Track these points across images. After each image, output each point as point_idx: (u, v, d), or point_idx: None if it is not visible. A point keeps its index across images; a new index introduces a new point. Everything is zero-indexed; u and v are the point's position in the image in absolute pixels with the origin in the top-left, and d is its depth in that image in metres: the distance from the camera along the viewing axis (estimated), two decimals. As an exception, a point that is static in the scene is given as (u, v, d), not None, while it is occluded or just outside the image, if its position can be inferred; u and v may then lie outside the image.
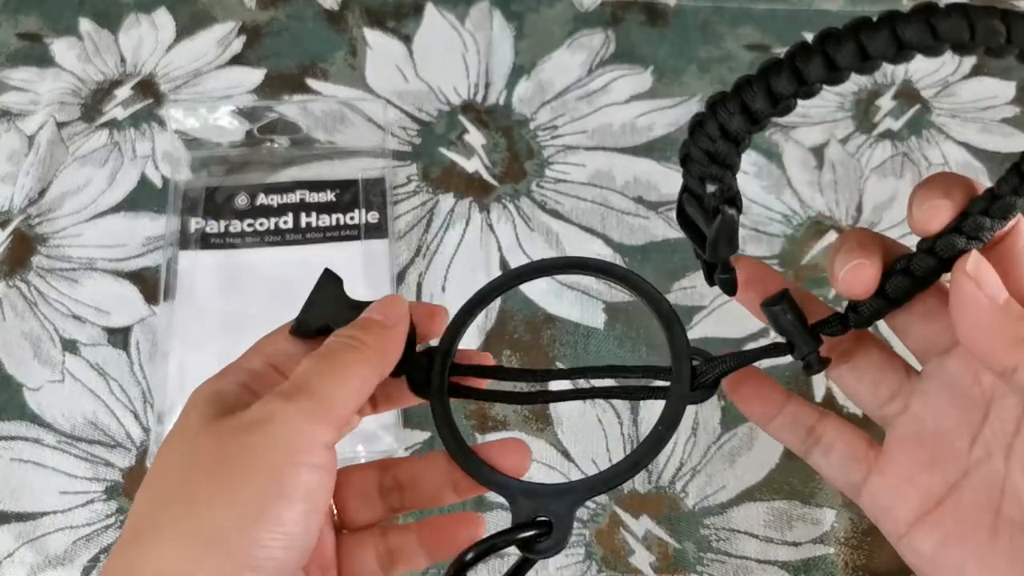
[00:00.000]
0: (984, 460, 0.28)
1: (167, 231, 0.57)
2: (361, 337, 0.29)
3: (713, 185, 0.26)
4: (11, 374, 0.52)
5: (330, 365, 0.28)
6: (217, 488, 0.26)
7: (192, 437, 0.27)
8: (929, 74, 0.66)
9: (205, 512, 0.26)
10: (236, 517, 0.25)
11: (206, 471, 0.26)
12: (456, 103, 0.63)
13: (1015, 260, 0.27)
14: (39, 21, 0.67)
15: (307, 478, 0.26)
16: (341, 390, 0.28)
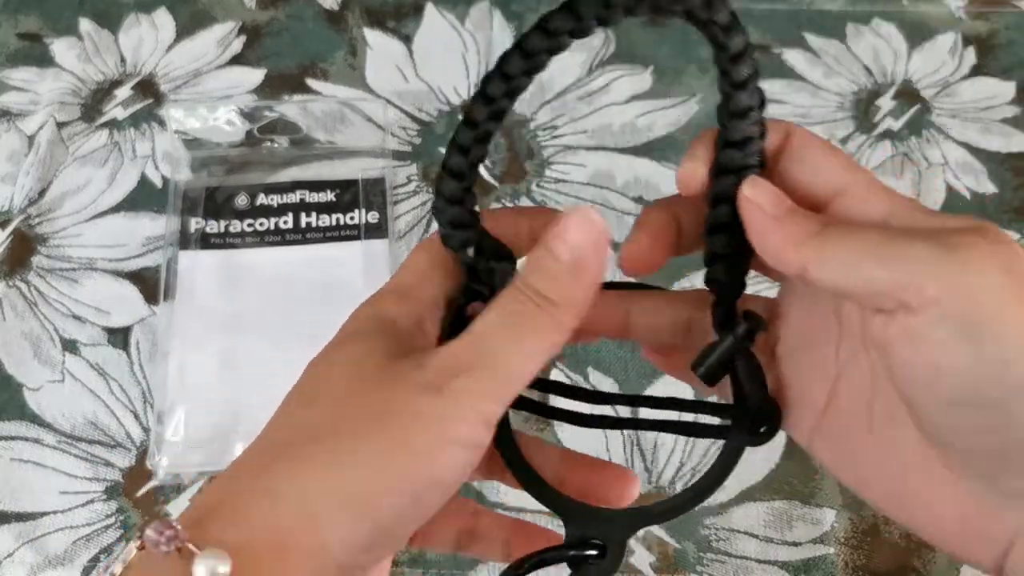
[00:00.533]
0: (850, 360, 0.27)
1: (167, 231, 0.57)
2: (541, 287, 0.24)
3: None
4: (11, 374, 0.52)
5: (512, 330, 0.24)
6: (370, 447, 0.24)
7: (362, 371, 0.25)
8: (929, 74, 0.66)
9: (351, 468, 0.23)
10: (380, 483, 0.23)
11: (364, 425, 0.24)
12: (456, 103, 0.63)
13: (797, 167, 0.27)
14: (39, 21, 0.68)
15: (462, 458, 0.24)
16: (524, 366, 0.24)
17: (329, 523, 0.23)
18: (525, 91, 0.25)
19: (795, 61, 0.67)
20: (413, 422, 0.24)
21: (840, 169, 0.26)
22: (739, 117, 0.26)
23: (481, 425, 0.24)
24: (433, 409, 0.24)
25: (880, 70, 0.67)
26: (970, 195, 0.60)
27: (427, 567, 0.47)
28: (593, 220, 0.25)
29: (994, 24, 0.69)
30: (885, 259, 0.23)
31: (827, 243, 0.24)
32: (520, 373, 0.24)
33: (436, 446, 0.24)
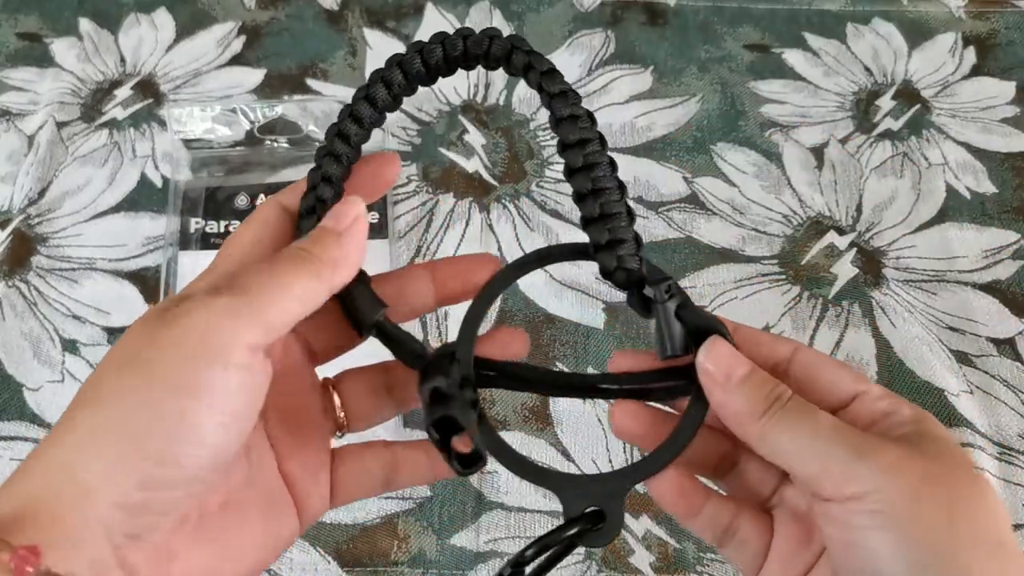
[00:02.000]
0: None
1: (167, 231, 0.57)
2: (309, 247, 0.28)
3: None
4: (11, 374, 0.52)
5: (271, 268, 0.27)
6: (129, 383, 0.25)
7: (137, 331, 0.26)
8: (929, 74, 0.66)
9: (112, 404, 0.25)
10: (136, 411, 0.25)
11: (119, 365, 0.26)
12: (456, 103, 0.63)
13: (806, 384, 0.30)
14: (39, 21, 0.68)
15: (223, 377, 0.25)
16: (276, 293, 0.26)
17: (87, 468, 0.24)
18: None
19: (795, 61, 0.67)
20: (175, 353, 0.25)
21: (850, 380, 0.30)
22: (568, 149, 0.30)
23: (245, 350, 0.25)
24: (192, 332, 0.25)
25: (880, 70, 0.67)
26: (970, 195, 0.60)
27: (427, 567, 0.47)
28: (354, 202, 0.29)
29: (994, 24, 0.69)
30: (812, 456, 0.27)
31: (765, 434, 0.28)
32: (266, 298, 0.26)
33: (188, 361, 0.25)
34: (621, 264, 0.31)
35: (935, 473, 0.26)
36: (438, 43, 0.32)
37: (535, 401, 0.51)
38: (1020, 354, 0.54)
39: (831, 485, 0.27)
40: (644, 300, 0.31)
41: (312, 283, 0.27)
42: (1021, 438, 0.51)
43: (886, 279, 0.57)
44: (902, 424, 0.29)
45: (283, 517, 0.30)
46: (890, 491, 0.26)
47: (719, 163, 0.61)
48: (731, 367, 0.29)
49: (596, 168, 0.30)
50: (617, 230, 0.30)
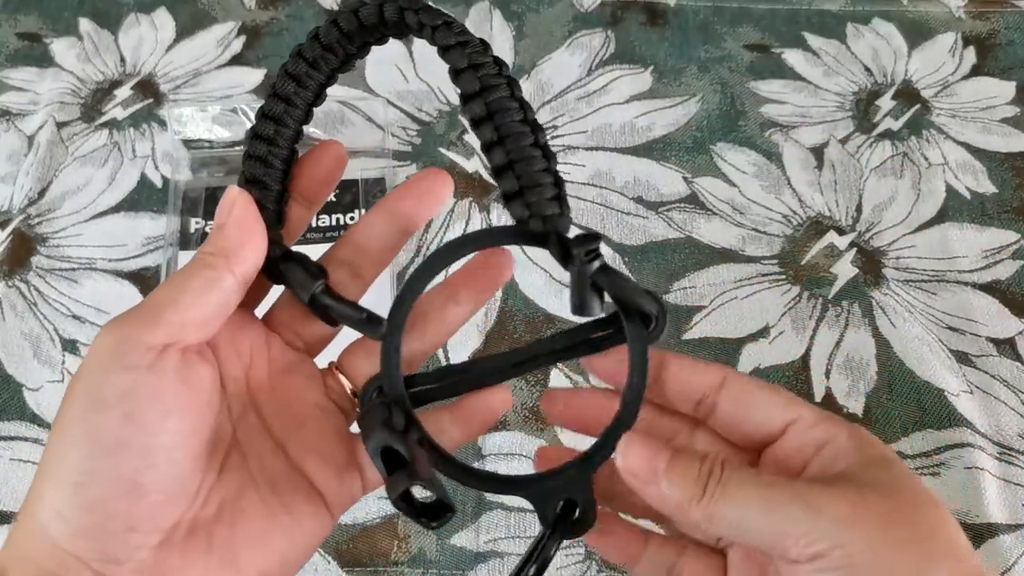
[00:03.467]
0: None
1: (167, 231, 0.57)
2: (204, 248, 0.28)
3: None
4: (11, 374, 0.52)
5: (169, 276, 0.29)
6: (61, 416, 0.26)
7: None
8: (929, 74, 0.66)
9: (49, 446, 0.26)
10: (61, 441, 0.25)
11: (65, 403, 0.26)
12: (456, 103, 0.63)
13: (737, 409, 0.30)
14: (39, 21, 0.68)
15: (117, 381, 0.25)
16: (171, 292, 0.27)
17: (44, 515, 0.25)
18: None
19: (795, 61, 0.67)
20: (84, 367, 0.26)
21: (780, 407, 0.29)
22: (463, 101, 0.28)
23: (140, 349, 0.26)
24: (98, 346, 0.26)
25: (880, 70, 0.67)
26: (970, 195, 0.60)
27: (427, 567, 0.47)
28: (227, 191, 0.29)
29: (994, 24, 0.69)
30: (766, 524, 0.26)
31: (711, 514, 0.27)
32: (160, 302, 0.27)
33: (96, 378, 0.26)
34: (534, 211, 0.28)
35: (892, 513, 0.26)
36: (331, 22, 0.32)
37: (535, 401, 0.51)
38: (1020, 354, 0.54)
39: (794, 547, 0.26)
40: (565, 251, 0.28)
41: (207, 277, 0.27)
42: (1021, 438, 0.51)
43: (886, 279, 0.57)
44: (842, 453, 0.28)
45: (305, 514, 0.29)
46: (852, 544, 0.25)
47: (719, 163, 0.61)
48: (651, 460, 0.28)
49: (499, 115, 0.28)
50: (528, 175, 0.27)
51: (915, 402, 0.52)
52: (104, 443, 0.25)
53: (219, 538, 0.27)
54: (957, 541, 0.26)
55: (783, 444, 0.29)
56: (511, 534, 0.48)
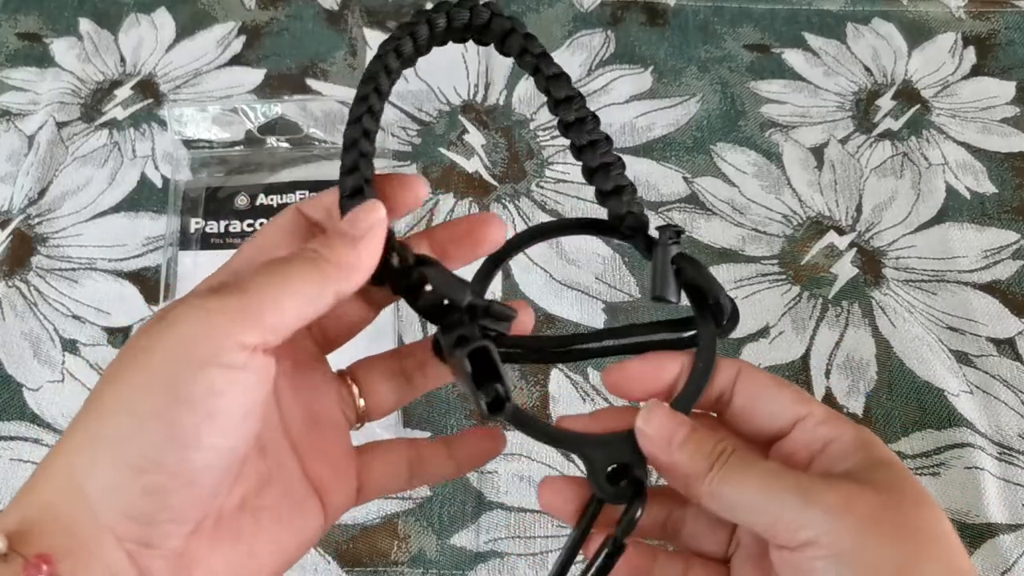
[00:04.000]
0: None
1: (167, 231, 0.57)
2: (320, 249, 0.27)
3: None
4: (11, 374, 0.52)
5: (274, 268, 0.26)
6: (125, 391, 0.25)
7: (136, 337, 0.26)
8: (929, 74, 0.66)
9: (108, 415, 0.25)
10: (132, 421, 0.24)
11: (117, 373, 0.25)
12: (456, 103, 0.63)
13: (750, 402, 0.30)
14: (39, 21, 0.68)
15: (216, 380, 0.24)
16: (277, 293, 0.25)
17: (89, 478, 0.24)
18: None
19: (795, 61, 0.67)
20: (162, 353, 0.24)
21: (791, 402, 0.30)
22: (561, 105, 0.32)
23: (239, 350, 0.24)
24: (185, 333, 0.24)
25: (880, 70, 0.67)
26: (970, 195, 0.60)
27: (427, 567, 0.47)
28: (374, 208, 0.28)
29: (994, 24, 0.69)
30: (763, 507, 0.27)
31: (713, 492, 0.28)
32: (266, 298, 0.25)
33: (180, 364, 0.24)
34: (631, 208, 0.32)
35: (884, 507, 0.26)
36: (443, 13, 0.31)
37: (535, 401, 0.51)
38: (1020, 354, 0.54)
39: (784, 533, 0.26)
40: (648, 242, 0.32)
41: (317, 285, 0.26)
42: (1021, 438, 0.51)
43: (886, 279, 0.57)
44: (846, 452, 0.28)
45: (307, 516, 0.30)
46: (840, 533, 0.26)
47: (719, 163, 0.61)
48: (671, 430, 0.29)
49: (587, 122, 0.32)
50: (619, 177, 0.32)
51: (915, 402, 0.52)
52: (180, 438, 0.24)
53: (246, 531, 0.27)
54: (949, 539, 0.26)
55: (791, 439, 0.30)
56: (511, 534, 0.48)
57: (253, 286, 0.25)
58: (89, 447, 0.25)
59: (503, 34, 0.32)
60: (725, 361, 0.31)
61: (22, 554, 0.23)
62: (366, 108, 0.30)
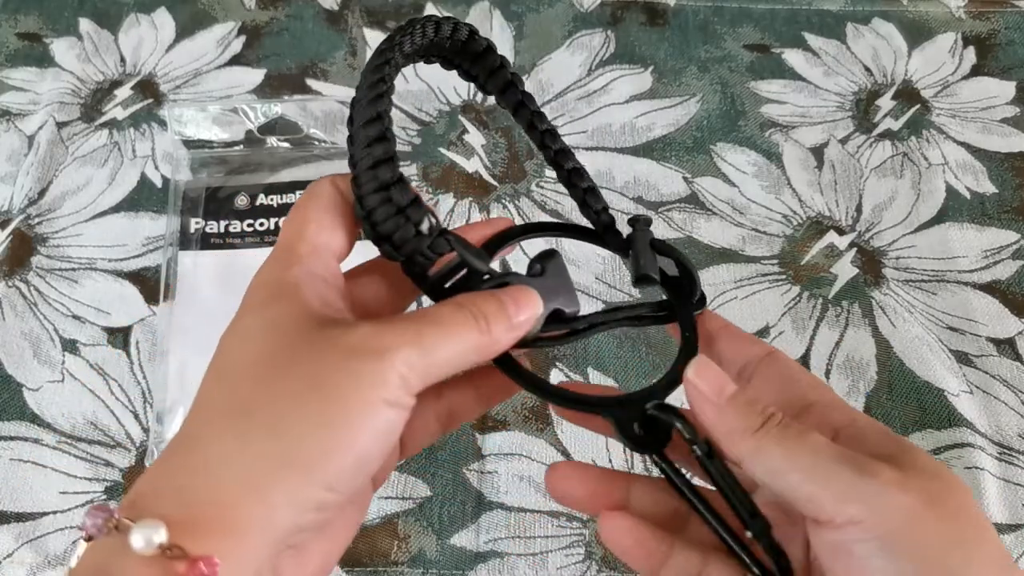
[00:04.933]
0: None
1: (167, 231, 0.57)
2: (486, 317, 0.28)
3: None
4: (11, 374, 0.52)
5: (447, 326, 0.28)
6: (307, 411, 0.25)
7: (284, 337, 0.26)
8: (929, 74, 0.66)
9: (291, 433, 0.25)
10: (321, 445, 0.25)
11: (299, 389, 0.25)
12: (456, 103, 0.63)
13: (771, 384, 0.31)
14: (39, 21, 0.68)
15: (393, 417, 0.26)
16: (446, 354, 0.27)
17: (274, 490, 0.24)
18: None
19: (795, 61, 0.67)
20: (350, 383, 0.25)
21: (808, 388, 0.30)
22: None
23: (405, 391, 0.26)
24: (369, 370, 0.26)
25: (880, 70, 0.67)
26: (970, 195, 0.60)
27: (427, 567, 0.47)
28: (535, 302, 0.30)
29: (994, 24, 0.69)
30: (812, 474, 0.26)
31: (761, 448, 0.27)
32: (442, 358, 0.27)
33: (372, 405, 0.25)
34: (605, 207, 0.34)
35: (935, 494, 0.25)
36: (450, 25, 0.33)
37: (535, 401, 0.51)
38: (1020, 354, 0.54)
39: (830, 504, 0.26)
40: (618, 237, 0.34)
41: (474, 354, 0.28)
42: (1021, 438, 0.51)
43: (886, 279, 0.57)
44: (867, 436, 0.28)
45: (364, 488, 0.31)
46: (890, 512, 0.25)
47: (719, 163, 0.61)
48: (721, 384, 0.28)
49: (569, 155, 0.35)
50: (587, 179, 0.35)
51: (915, 402, 0.52)
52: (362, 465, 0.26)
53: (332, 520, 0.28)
54: (991, 530, 0.26)
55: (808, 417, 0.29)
56: (511, 534, 0.48)
57: (430, 340, 0.27)
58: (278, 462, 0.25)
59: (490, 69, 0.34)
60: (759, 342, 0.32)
61: (188, 552, 0.23)
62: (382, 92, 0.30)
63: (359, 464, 0.26)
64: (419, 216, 0.29)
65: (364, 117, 0.29)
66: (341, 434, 0.25)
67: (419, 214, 0.29)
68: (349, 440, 0.25)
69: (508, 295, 0.29)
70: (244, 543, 0.24)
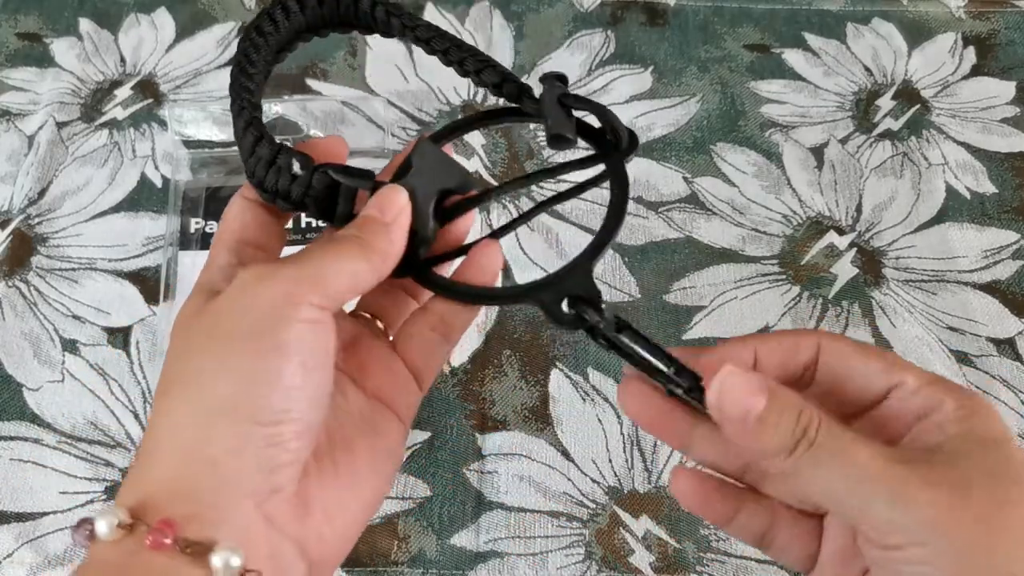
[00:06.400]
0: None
1: (167, 231, 0.57)
2: (361, 234, 0.30)
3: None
4: (11, 374, 0.52)
5: (327, 248, 0.29)
6: (213, 358, 0.27)
7: (187, 324, 0.29)
8: (929, 74, 0.66)
9: (207, 383, 0.27)
10: (235, 380, 0.26)
11: (202, 347, 0.28)
12: (456, 103, 0.63)
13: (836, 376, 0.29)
14: (39, 21, 0.68)
15: (298, 331, 0.27)
16: (333, 267, 0.29)
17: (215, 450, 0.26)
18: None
19: (795, 61, 0.67)
20: (250, 313, 0.27)
21: (881, 372, 0.28)
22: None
23: (309, 306, 0.28)
24: (265, 296, 0.28)
25: (880, 70, 0.67)
26: (970, 195, 0.60)
27: (427, 567, 0.47)
28: (398, 191, 0.31)
29: (994, 24, 0.69)
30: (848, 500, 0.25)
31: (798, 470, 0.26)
32: (331, 277, 0.28)
33: (274, 323, 0.27)
34: (505, 78, 0.35)
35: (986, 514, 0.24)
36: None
37: (535, 401, 0.51)
38: (1020, 354, 0.54)
39: (873, 532, 0.25)
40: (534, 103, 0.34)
41: (363, 266, 0.29)
42: (1021, 438, 0.51)
43: (886, 279, 0.57)
44: (943, 425, 0.26)
45: (387, 428, 0.32)
46: (937, 546, 0.24)
47: (719, 163, 0.61)
48: (747, 404, 0.26)
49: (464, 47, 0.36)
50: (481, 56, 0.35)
51: (915, 402, 0.52)
52: (285, 385, 0.27)
53: (343, 463, 0.30)
54: None
55: (886, 408, 0.28)
56: (511, 534, 0.48)
57: (315, 261, 0.29)
58: (200, 417, 0.27)
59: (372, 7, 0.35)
60: (804, 333, 0.30)
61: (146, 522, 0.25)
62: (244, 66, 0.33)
63: (297, 385, 0.27)
64: (287, 160, 0.31)
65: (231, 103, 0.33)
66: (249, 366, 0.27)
67: (286, 159, 0.31)
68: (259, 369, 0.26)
69: (372, 203, 0.31)
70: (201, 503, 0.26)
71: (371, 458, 0.31)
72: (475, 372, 0.52)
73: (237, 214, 0.33)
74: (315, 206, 0.32)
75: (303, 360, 0.27)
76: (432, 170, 0.32)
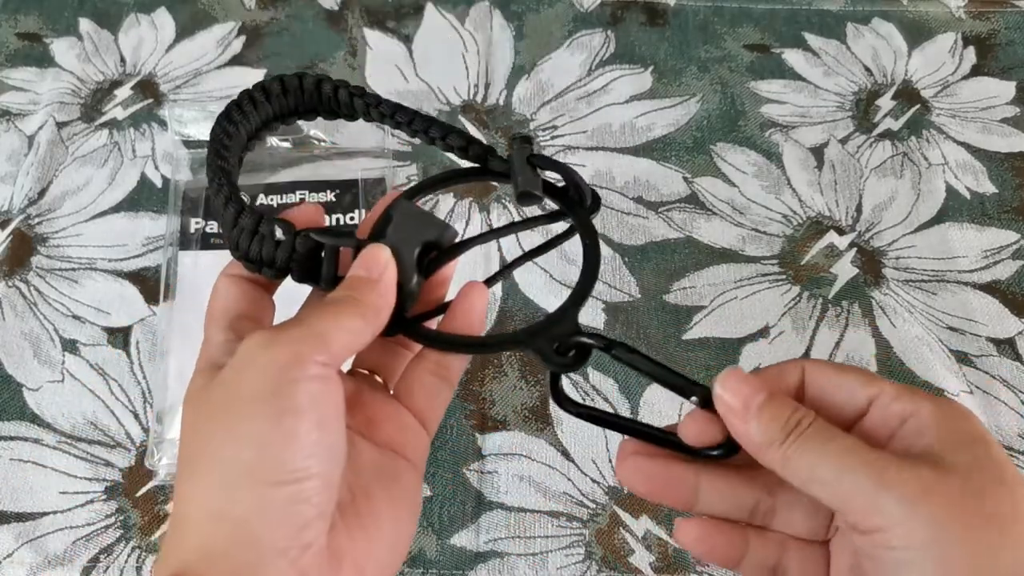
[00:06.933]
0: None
1: (167, 231, 0.57)
2: (355, 294, 0.31)
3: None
4: (11, 374, 0.52)
5: (323, 309, 0.30)
6: (229, 426, 0.28)
7: (197, 399, 0.30)
8: (929, 74, 0.66)
9: (226, 450, 0.27)
10: (253, 444, 0.27)
11: (215, 417, 0.28)
12: (456, 103, 0.63)
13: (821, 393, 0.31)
14: (39, 21, 0.68)
15: (308, 388, 0.28)
16: (332, 326, 0.29)
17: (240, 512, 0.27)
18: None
19: (795, 61, 0.67)
20: (260, 378, 0.28)
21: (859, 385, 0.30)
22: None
23: (316, 365, 0.28)
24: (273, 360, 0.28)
25: (880, 70, 0.67)
26: (970, 195, 0.60)
27: (427, 567, 0.47)
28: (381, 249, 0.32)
29: (994, 24, 0.69)
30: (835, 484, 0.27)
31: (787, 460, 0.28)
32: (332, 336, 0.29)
33: (285, 385, 0.28)
34: (471, 141, 0.36)
35: (962, 494, 0.25)
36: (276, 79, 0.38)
37: (535, 401, 0.51)
38: (1020, 354, 0.54)
39: (857, 516, 0.26)
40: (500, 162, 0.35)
41: (359, 323, 0.30)
42: (1021, 438, 0.51)
43: (886, 279, 0.57)
44: (924, 427, 0.28)
45: (402, 475, 0.32)
46: (916, 524, 0.25)
47: (719, 163, 0.61)
48: (748, 396, 0.29)
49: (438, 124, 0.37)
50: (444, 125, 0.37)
51: (915, 402, 0.52)
52: (300, 444, 0.27)
53: (365, 514, 0.30)
54: None
55: (869, 419, 0.29)
56: (511, 534, 0.48)
57: (315, 323, 0.29)
58: (223, 482, 0.27)
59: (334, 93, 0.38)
60: (789, 364, 0.31)
61: None
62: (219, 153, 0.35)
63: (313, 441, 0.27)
64: (269, 228, 0.32)
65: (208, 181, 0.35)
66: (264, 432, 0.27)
67: (268, 226, 0.32)
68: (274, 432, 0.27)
69: (357, 264, 0.31)
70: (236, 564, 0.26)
71: (391, 505, 0.31)
72: (475, 372, 0.52)
73: (224, 292, 0.34)
74: (300, 269, 0.32)
75: (317, 417, 0.28)
76: (411, 225, 0.33)
